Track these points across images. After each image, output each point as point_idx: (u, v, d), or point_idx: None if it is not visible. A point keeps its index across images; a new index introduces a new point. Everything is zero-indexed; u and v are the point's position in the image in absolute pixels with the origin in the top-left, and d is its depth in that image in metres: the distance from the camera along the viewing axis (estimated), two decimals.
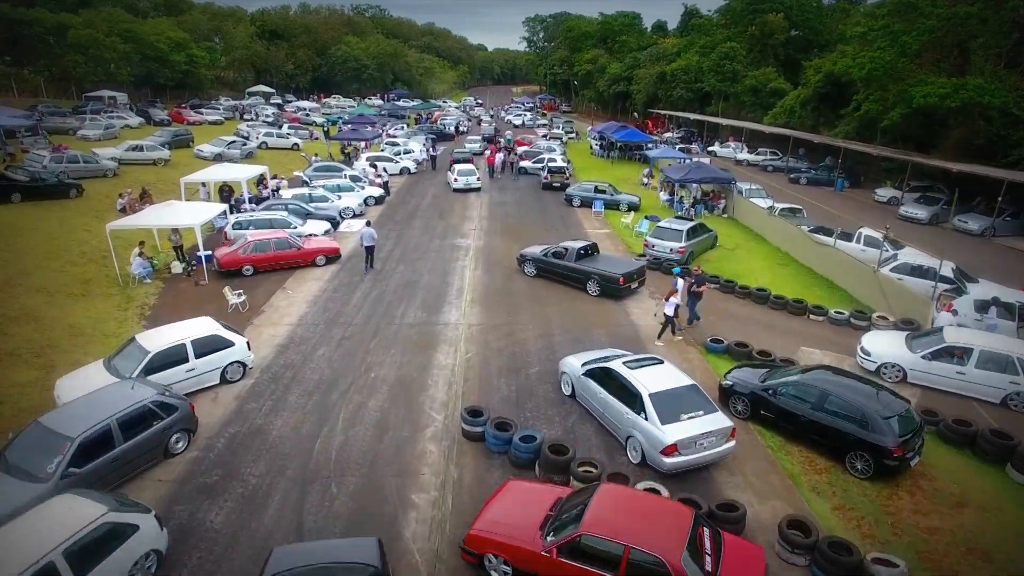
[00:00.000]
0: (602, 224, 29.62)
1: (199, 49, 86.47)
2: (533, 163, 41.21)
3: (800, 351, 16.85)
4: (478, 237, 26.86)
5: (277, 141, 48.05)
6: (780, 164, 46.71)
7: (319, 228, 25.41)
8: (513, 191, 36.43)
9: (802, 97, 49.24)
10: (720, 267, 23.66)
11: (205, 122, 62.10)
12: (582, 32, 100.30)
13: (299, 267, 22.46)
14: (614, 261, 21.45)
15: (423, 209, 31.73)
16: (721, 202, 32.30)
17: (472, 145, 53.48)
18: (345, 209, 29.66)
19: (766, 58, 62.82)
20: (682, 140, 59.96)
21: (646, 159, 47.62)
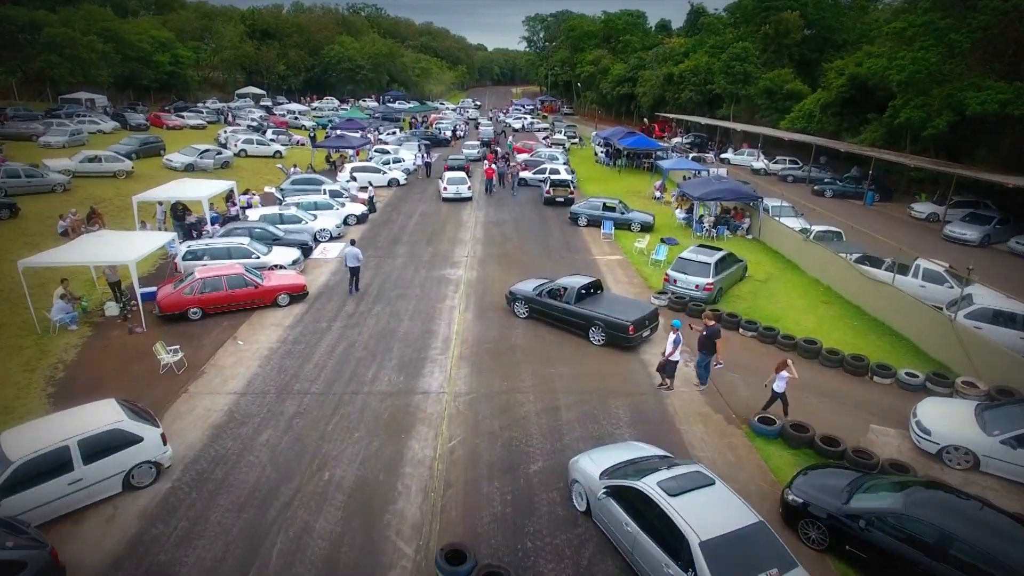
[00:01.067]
0: (612, 249, 26.09)
1: (185, 49, 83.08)
2: (534, 174, 37.70)
3: (870, 432, 13.36)
4: (470, 266, 23.34)
5: (258, 148, 44.54)
6: (801, 174, 43.17)
7: (287, 257, 21.90)
8: (512, 207, 32.90)
9: (823, 101, 45.74)
10: (755, 306, 20.15)
11: (186, 127, 58.60)
12: (584, 31, 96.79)
13: (258, 308, 18.99)
14: (621, 303, 17.95)
15: (410, 231, 28.20)
16: (745, 221, 28.79)
17: (469, 151, 50.11)
18: (321, 232, 26.15)
19: (780, 59, 59.38)
20: (692, 146, 56.43)
21: (656, 168, 44.18)
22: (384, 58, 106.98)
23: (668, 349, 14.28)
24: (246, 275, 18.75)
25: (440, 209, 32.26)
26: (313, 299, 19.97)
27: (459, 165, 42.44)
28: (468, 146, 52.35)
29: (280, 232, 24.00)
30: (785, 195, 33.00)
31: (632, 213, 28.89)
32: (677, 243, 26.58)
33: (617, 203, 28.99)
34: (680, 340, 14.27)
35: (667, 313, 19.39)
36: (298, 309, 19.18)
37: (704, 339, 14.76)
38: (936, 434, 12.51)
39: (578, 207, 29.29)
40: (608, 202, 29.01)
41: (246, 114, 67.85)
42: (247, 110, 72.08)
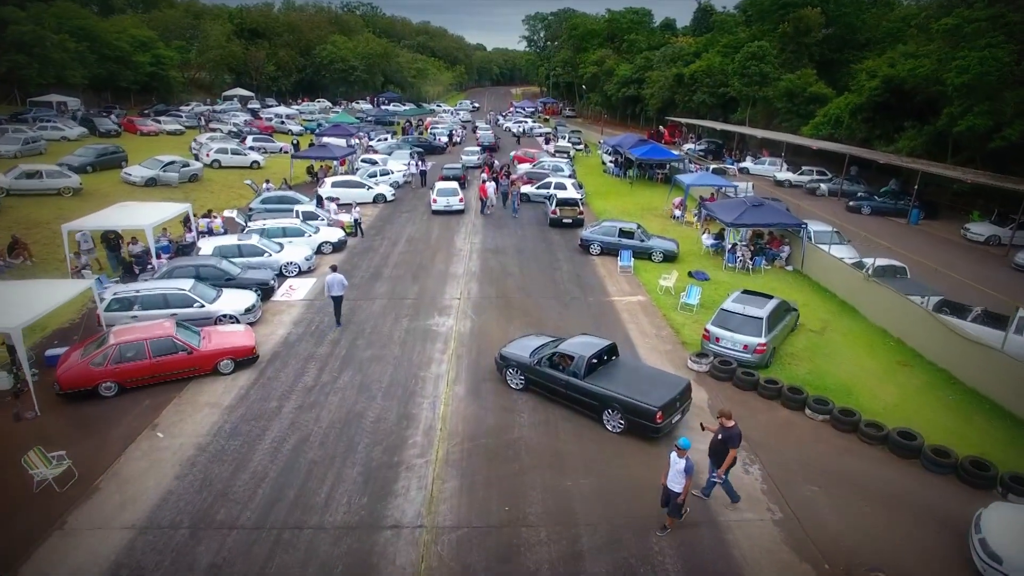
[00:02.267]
0: (632, 286, 22.05)
1: (168, 49, 78.98)
2: (537, 188, 33.66)
3: None
4: (462, 312, 19.31)
5: (233, 159, 40.46)
6: (832, 187, 39.15)
7: (239, 304, 17.89)
8: (512, 230, 28.85)
9: (852, 105, 41.73)
10: (816, 369, 16.16)
11: (162, 132, 54.56)
12: (588, 30, 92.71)
13: (194, 377, 15.00)
14: (644, 376, 13.95)
15: (394, 261, 24.15)
16: (783, 249, 24.78)
17: (469, 158, 46.23)
18: (288, 266, 22.12)
19: (799, 59, 55.43)
20: (706, 153, 52.43)
21: (670, 179, 40.17)
22: (379, 58, 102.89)
23: (671, 476, 10.13)
24: (177, 338, 14.70)
25: (431, 232, 28.22)
26: (266, 363, 15.95)
27: (454, 175, 38.52)
28: (467, 152, 48.47)
29: (236, 269, 19.98)
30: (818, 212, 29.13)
31: (653, 240, 24.85)
32: (708, 278, 22.61)
33: (635, 228, 24.95)
34: (692, 468, 10.04)
35: (709, 383, 15.40)
36: (244, 379, 15.16)
37: (718, 445, 10.77)
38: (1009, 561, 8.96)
39: (590, 232, 25.22)
40: (625, 227, 24.96)
41: (229, 118, 63.83)
42: (231, 114, 68.09)
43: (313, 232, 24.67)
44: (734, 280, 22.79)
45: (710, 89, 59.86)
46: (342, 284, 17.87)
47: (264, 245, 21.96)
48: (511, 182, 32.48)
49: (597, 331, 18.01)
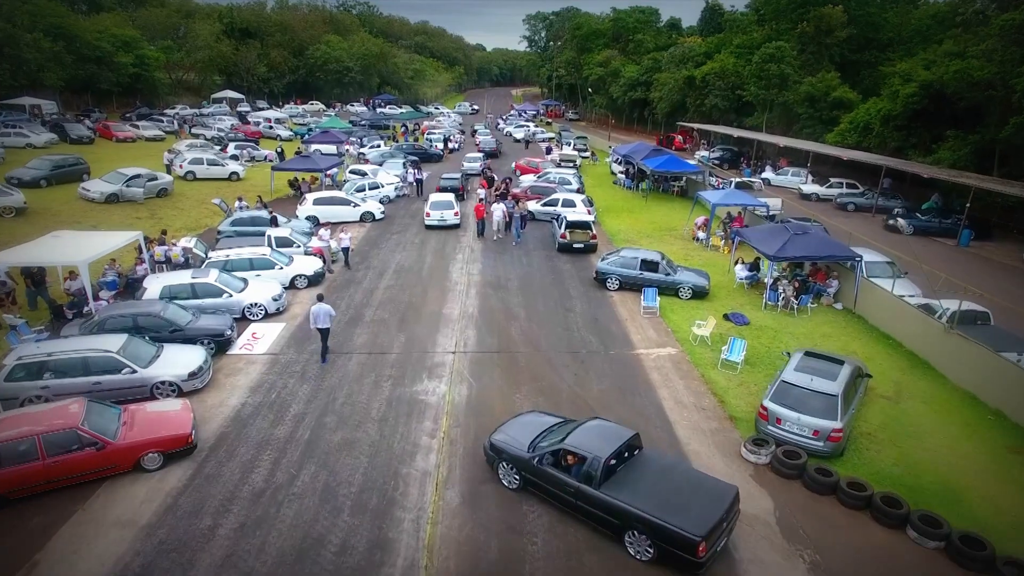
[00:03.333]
0: (660, 333, 18.60)
1: (153, 49, 75.64)
2: (543, 205, 30.21)
3: None
4: (458, 373, 15.86)
5: (209, 170, 36.99)
6: (864, 201, 35.73)
7: (182, 366, 14.45)
8: (516, 257, 25.37)
9: (884, 112, 38.30)
10: (903, 456, 12.74)
11: (141, 138, 51.13)
12: (592, 30, 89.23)
13: (112, 476, 11.59)
14: (677, 483, 10.50)
15: (378, 299, 20.68)
16: (831, 283, 21.35)
17: (470, 164, 43.00)
18: (252, 308, 18.66)
19: (820, 60, 51.96)
20: (721, 161, 49.01)
21: (686, 193, 36.82)
22: (375, 59, 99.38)
23: None
24: (84, 430, 11.26)
25: (423, 259, 24.75)
26: (207, 452, 12.50)
27: (451, 186, 35.28)
28: (468, 159, 45.17)
29: (186, 316, 16.54)
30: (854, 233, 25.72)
31: (681, 274, 21.39)
32: (747, 322, 19.19)
33: (660, 259, 21.47)
34: None
35: (771, 481, 11.99)
36: (175, 478, 11.72)
37: None
38: None
39: (607, 264, 21.72)
40: (648, 257, 21.48)
41: (213, 122, 60.39)
42: (217, 117, 64.63)
43: (285, 263, 21.21)
44: (778, 323, 19.38)
45: (723, 92, 56.43)
46: (329, 315, 15.98)
47: (223, 284, 18.49)
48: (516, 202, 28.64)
49: (624, 399, 14.67)
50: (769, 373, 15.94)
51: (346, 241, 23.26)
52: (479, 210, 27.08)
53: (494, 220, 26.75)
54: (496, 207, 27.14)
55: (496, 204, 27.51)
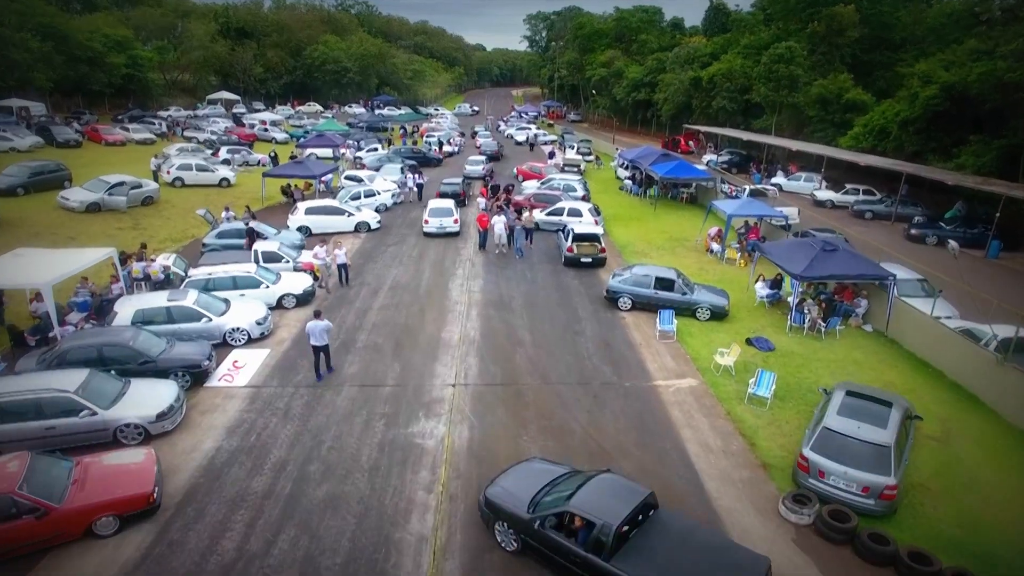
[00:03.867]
0: (678, 360, 17.06)
1: (146, 49, 74.21)
2: (547, 215, 28.65)
3: None
4: (458, 410, 14.31)
5: (198, 176, 35.46)
6: (883, 209, 34.17)
7: (149, 405, 12.92)
8: (520, 272, 23.82)
9: (902, 115, 36.74)
10: (965, 516, 11.22)
11: (131, 142, 49.57)
12: (595, 30, 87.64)
13: (59, 545, 10.06)
14: (698, 555, 9.03)
15: (371, 322, 19.11)
16: (860, 303, 19.83)
17: (473, 168, 41.67)
18: (233, 333, 17.13)
19: (831, 61, 50.43)
20: (729, 165, 47.49)
21: (695, 200, 35.34)
22: (373, 59, 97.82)
23: None
24: (20, 495, 9.71)
25: (420, 274, 23.20)
26: (173, 511, 10.97)
27: (452, 192, 33.85)
28: (471, 162, 43.70)
29: (159, 345, 15.02)
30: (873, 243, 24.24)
31: (698, 293, 19.85)
32: (772, 348, 17.66)
33: (675, 276, 19.93)
34: None
35: (815, 546, 10.46)
36: (132, 547, 10.19)
37: None
38: None
39: (619, 282, 20.17)
40: (662, 275, 19.93)
41: (207, 125, 58.86)
42: (211, 120, 63.10)
43: (272, 282, 19.66)
44: (805, 348, 17.86)
45: (730, 94, 54.88)
46: (326, 331, 15.16)
47: (203, 307, 16.95)
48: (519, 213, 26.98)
49: (642, 442, 13.19)
50: (802, 410, 14.45)
51: (342, 258, 21.44)
52: (482, 220, 25.42)
53: (495, 233, 25.07)
54: (497, 220, 25.23)
55: (497, 217, 25.66)
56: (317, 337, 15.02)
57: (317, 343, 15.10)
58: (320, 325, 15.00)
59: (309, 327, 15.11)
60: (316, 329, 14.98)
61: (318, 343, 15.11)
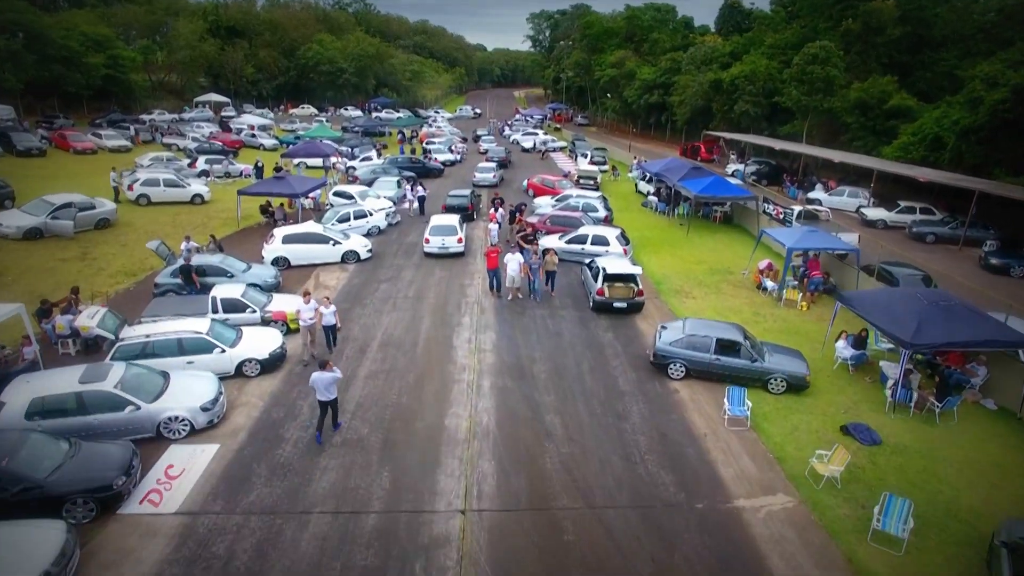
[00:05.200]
0: (757, 460, 12.84)
1: (129, 49, 70.01)
2: (567, 242, 24.42)
3: None
4: (470, 559, 10.09)
5: (166, 192, 31.23)
6: (948, 231, 29.95)
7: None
8: (539, 321, 19.56)
9: (964, 123, 32.57)
10: None
11: (103, 149, 45.38)
12: (604, 29, 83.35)
13: None
14: None
15: (356, 399, 14.82)
16: (977, 373, 15.62)
17: (483, 175, 38.14)
18: (172, 423, 12.92)
19: (867, 62, 46.31)
20: (758, 177, 43.32)
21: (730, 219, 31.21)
22: (371, 59, 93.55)
23: None
24: None
25: (418, 325, 18.94)
26: None
27: (459, 205, 30.09)
28: (480, 169, 40.10)
29: (54, 457, 10.81)
30: (944, 272, 20.06)
31: (771, 358, 15.63)
32: (879, 441, 13.46)
33: (741, 336, 15.73)
34: None
35: None
36: None
37: None
38: None
39: (669, 344, 15.89)
40: (725, 335, 15.71)
41: (189, 130, 54.63)
42: (195, 124, 58.87)
43: (230, 343, 15.44)
44: (918, 438, 13.71)
45: (754, 98, 50.67)
46: (335, 382, 12.88)
47: (130, 390, 12.73)
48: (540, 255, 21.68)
49: None
50: (952, 556, 10.28)
51: (330, 317, 16.49)
52: (492, 258, 20.89)
53: (508, 276, 20.35)
54: (511, 258, 20.22)
55: (512, 255, 20.45)
56: (323, 391, 12.66)
57: (324, 398, 12.76)
58: (327, 378, 12.62)
59: (314, 379, 12.67)
60: (322, 382, 12.58)
61: (325, 398, 12.76)
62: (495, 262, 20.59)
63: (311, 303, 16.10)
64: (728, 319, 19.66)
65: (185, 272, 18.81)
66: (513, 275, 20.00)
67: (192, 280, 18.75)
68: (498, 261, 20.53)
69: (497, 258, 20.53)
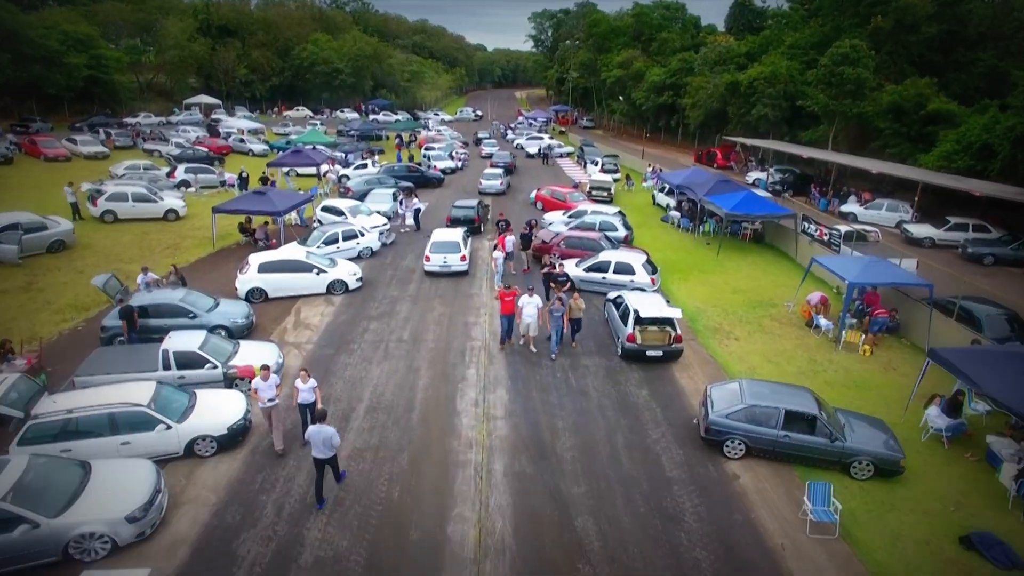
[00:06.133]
0: None
1: (112, 49, 66.91)
2: (585, 270, 21.29)
3: None
4: None
5: (135, 209, 28.11)
6: (1009, 252, 26.80)
7: None
8: (561, 378, 16.36)
9: (1020, 130, 29.44)
10: None
11: (78, 156, 42.37)
12: (611, 27, 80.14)
13: None
14: None
15: (333, 494, 11.77)
16: None
17: (489, 183, 35.72)
18: (84, 542, 9.76)
19: (897, 62, 43.19)
20: (783, 186, 40.22)
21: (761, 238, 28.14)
22: (368, 60, 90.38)
23: None
24: None
25: (414, 380, 15.81)
26: None
27: (465, 217, 27.63)
28: (487, 176, 37.36)
29: None
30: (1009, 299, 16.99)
31: (855, 435, 12.49)
32: (1020, 564, 10.31)
33: (815, 407, 12.59)
34: None
35: None
36: None
37: None
38: None
39: (723, 416, 12.72)
40: (796, 407, 12.53)
41: (174, 134, 51.53)
42: (181, 128, 55.77)
43: (178, 417, 12.31)
44: None
45: (774, 100, 47.52)
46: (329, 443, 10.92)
47: (24, 502, 9.59)
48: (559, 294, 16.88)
49: None
50: None
51: (307, 394, 12.63)
52: (506, 302, 16.68)
53: (524, 323, 16.66)
54: (527, 302, 16.40)
55: (527, 298, 16.51)
56: (318, 448, 10.94)
57: (321, 456, 11.00)
58: (325, 432, 10.88)
59: (311, 433, 11.03)
60: (319, 438, 10.86)
61: (322, 456, 10.99)
62: (510, 307, 16.74)
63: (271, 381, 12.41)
64: (780, 368, 16.61)
65: (126, 315, 15.65)
66: (530, 321, 16.60)
67: (134, 324, 15.61)
68: (512, 307, 16.75)
69: (511, 303, 16.73)
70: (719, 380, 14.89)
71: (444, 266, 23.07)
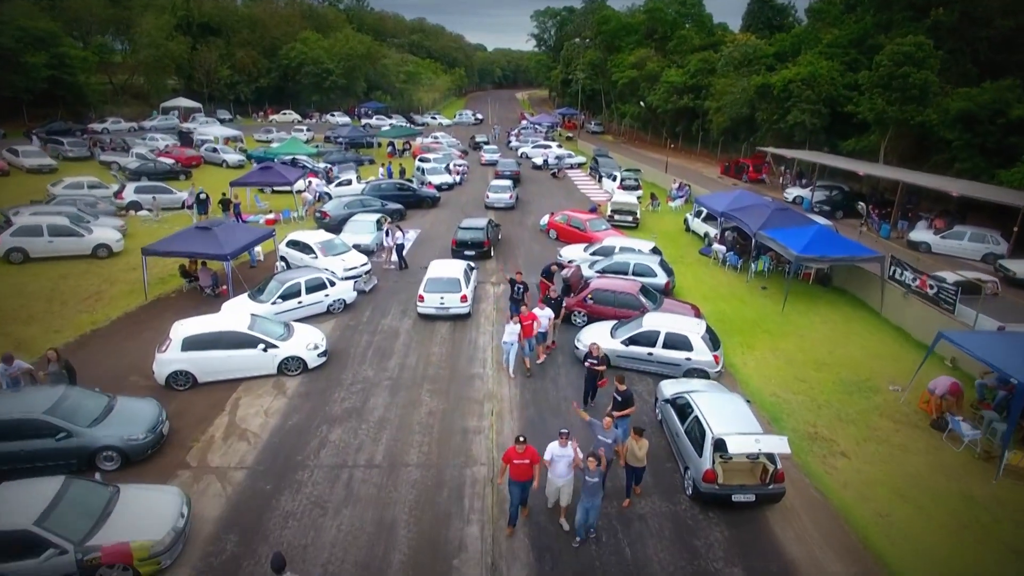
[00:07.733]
0: None
1: (77, 47, 61.53)
2: (624, 343, 15.76)
3: None
4: None
5: (53, 246, 22.57)
6: None
7: None
8: (604, 544, 10.88)
9: None
10: None
11: (20, 169, 37.02)
12: (622, 25, 74.61)
13: None
14: None
15: None
16: None
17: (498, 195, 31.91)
18: None
19: (961, 63, 37.78)
20: (830, 206, 34.82)
21: (829, 280, 22.81)
22: (361, 60, 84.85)
23: None
24: None
25: (388, 554, 10.44)
26: None
27: (473, 240, 23.27)
28: (493, 188, 32.67)
29: None
30: None
31: None
32: None
33: None
34: None
35: None
36: None
37: None
38: None
39: None
40: None
41: (142, 142, 46.17)
42: (150, 136, 50.33)
43: None
44: None
45: (812, 106, 42.14)
46: None
47: None
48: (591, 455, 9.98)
49: None
50: None
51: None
52: (516, 466, 9.96)
53: (555, 486, 10.36)
54: (560, 455, 10.09)
55: (560, 448, 10.08)
56: None
57: None
58: None
59: None
60: None
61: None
62: (527, 473, 10.04)
63: None
64: (924, 513, 11.23)
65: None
66: (561, 483, 10.29)
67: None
68: (530, 471, 10.04)
69: (527, 467, 9.99)
70: (842, 546, 9.48)
71: (441, 307, 18.73)
